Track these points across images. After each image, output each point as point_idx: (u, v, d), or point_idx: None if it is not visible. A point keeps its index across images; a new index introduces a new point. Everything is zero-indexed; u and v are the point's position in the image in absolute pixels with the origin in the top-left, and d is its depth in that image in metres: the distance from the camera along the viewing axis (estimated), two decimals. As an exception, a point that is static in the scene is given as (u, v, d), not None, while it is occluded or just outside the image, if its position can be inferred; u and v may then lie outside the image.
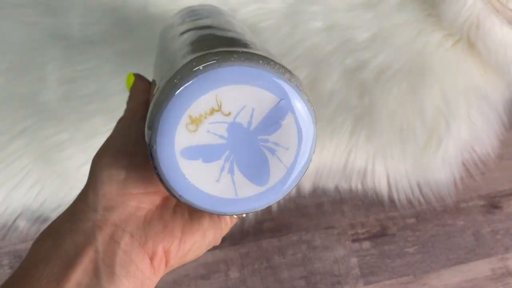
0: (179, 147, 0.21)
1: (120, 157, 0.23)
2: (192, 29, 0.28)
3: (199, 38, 0.25)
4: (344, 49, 0.60)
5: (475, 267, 0.56)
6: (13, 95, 0.57)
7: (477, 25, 0.59)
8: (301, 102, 0.22)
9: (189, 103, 0.20)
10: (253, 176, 0.22)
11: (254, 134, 0.22)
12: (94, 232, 0.21)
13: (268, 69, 0.21)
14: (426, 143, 0.58)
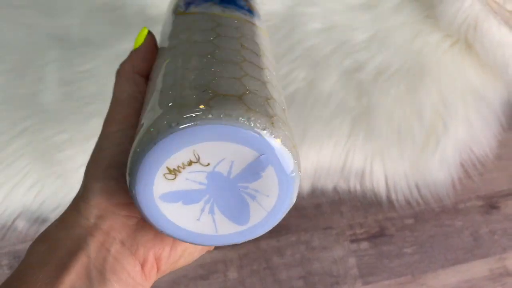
0: (158, 192, 0.21)
1: (111, 167, 0.23)
2: (187, 46, 0.26)
3: (185, 71, 0.23)
4: (343, 50, 0.60)
5: (473, 267, 0.56)
6: (12, 96, 0.57)
7: (475, 26, 0.59)
8: (283, 155, 0.21)
9: (166, 157, 0.20)
10: (234, 217, 0.23)
11: (234, 182, 0.22)
12: (86, 239, 0.22)
13: (247, 126, 0.20)
14: (424, 144, 0.58)
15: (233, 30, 0.27)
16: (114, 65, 0.59)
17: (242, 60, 0.24)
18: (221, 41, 0.25)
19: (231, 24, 0.27)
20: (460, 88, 0.60)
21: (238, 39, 0.26)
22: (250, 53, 0.25)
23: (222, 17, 0.28)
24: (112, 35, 0.59)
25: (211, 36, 0.26)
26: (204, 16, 0.28)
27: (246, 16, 0.30)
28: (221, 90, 0.21)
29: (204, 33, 0.26)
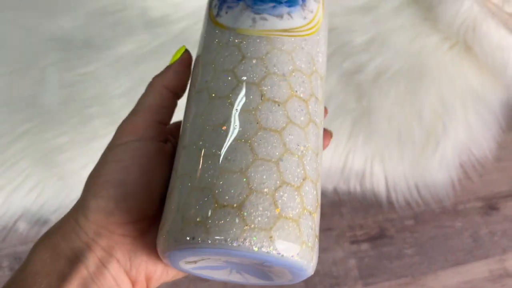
0: (186, 266, 0.24)
1: (111, 186, 0.24)
2: (206, 104, 0.24)
3: (196, 160, 0.23)
4: (342, 52, 0.61)
5: (473, 268, 0.56)
6: (13, 98, 0.57)
7: (474, 28, 0.59)
8: (286, 264, 0.21)
9: (182, 258, 0.22)
10: (260, 276, 0.25)
11: (250, 266, 0.23)
12: (85, 253, 0.23)
13: (243, 247, 0.20)
14: (424, 145, 0.59)
15: (259, 69, 0.24)
16: (115, 67, 0.59)
17: (256, 131, 0.23)
18: (239, 103, 0.24)
19: (258, 55, 0.25)
20: (459, 89, 0.61)
21: (259, 86, 0.24)
22: (276, 115, 0.24)
23: (251, 39, 0.25)
24: (113, 38, 0.59)
25: (230, 91, 0.24)
26: (230, 43, 0.25)
27: (288, 19, 0.26)
28: (221, 198, 0.21)
29: (226, 83, 0.24)
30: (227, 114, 0.23)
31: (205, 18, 0.28)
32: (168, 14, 0.60)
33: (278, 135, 0.23)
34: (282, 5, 0.26)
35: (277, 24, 0.25)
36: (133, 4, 0.61)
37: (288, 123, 0.23)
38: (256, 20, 0.25)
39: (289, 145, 0.23)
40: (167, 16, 0.60)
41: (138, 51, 0.59)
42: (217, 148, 0.23)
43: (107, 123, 0.56)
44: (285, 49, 0.25)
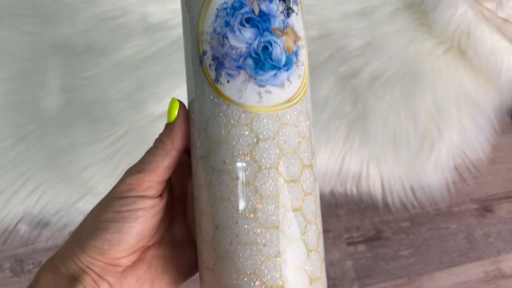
0: None
1: (108, 232, 0.27)
2: (207, 196, 0.27)
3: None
4: (339, 57, 0.62)
5: (468, 269, 0.57)
6: (15, 102, 0.58)
7: (468, 33, 0.60)
8: None
9: None
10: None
11: None
12: (82, 275, 0.27)
13: None
14: (418, 148, 0.60)
15: (274, 151, 0.26)
16: (115, 71, 0.60)
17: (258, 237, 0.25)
18: (263, 188, 0.26)
19: (270, 135, 0.26)
20: (453, 93, 0.61)
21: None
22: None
23: (260, 117, 0.26)
24: (113, 43, 0.60)
25: (253, 178, 0.26)
26: (241, 121, 0.26)
27: (288, 87, 0.27)
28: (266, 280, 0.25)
29: (248, 168, 0.26)
30: (254, 202, 0.25)
31: (193, 67, 0.27)
32: (167, 20, 0.61)
33: (300, 213, 0.26)
34: (281, 72, 0.26)
35: (281, 97, 0.26)
36: (133, 9, 0.62)
37: (305, 196, 0.27)
38: (262, 95, 0.26)
39: (309, 217, 0.26)
40: (166, 22, 0.61)
41: (137, 56, 0.60)
42: (251, 233, 0.25)
43: (108, 127, 0.57)
44: (291, 122, 0.26)
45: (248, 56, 0.26)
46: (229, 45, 0.26)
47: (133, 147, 0.57)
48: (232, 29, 0.26)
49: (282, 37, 0.26)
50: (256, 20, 0.26)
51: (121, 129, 0.57)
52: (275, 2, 0.26)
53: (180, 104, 0.28)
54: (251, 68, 0.26)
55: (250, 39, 0.26)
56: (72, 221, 0.56)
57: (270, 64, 0.26)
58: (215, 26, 0.26)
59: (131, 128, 0.57)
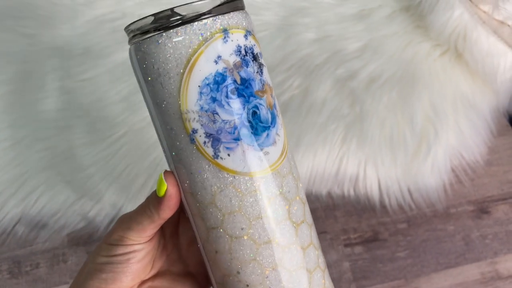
0: None
1: (104, 272, 0.29)
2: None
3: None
4: (336, 59, 0.62)
5: (465, 271, 0.57)
6: (13, 105, 0.59)
7: (464, 35, 0.61)
8: None
9: None
10: None
11: None
12: None
13: None
14: (415, 150, 0.60)
15: (282, 204, 0.28)
16: (114, 74, 0.60)
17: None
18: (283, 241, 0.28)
19: (277, 192, 0.28)
20: (450, 95, 0.62)
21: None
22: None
23: (264, 179, 0.28)
24: (112, 45, 0.60)
25: (277, 234, 0.28)
26: (249, 188, 0.27)
27: (278, 141, 0.29)
28: None
29: (265, 229, 0.28)
30: (276, 257, 0.28)
31: (181, 144, 0.27)
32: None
33: (313, 246, 0.29)
34: (271, 130, 0.27)
35: (276, 153, 0.27)
36: (131, 12, 0.62)
37: (311, 234, 0.30)
38: (262, 159, 0.27)
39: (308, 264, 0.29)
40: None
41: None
42: (284, 281, 0.27)
43: (106, 128, 0.57)
44: (287, 172, 0.28)
45: (242, 127, 0.26)
46: (221, 120, 0.26)
47: (131, 149, 0.57)
48: (220, 104, 0.26)
49: (263, 96, 0.27)
50: (240, 89, 0.26)
51: (120, 131, 0.57)
52: (251, 65, 0.26)
53: (169, 180, 0.28)
54: (247, 137, 0.26)
55: (240, 109, 0.26)
56: (70, 223, 0.56)
57: (261, 127, 0.27)
58: (201, 104, 0.26)
59: (129, 130, 0.57)
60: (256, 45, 0.28)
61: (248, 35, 0.27)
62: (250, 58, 0.27)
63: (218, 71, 0.26)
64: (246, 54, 0.26)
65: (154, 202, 0.29)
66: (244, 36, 0.27)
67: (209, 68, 0.25)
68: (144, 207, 0.29)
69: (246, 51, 0.26)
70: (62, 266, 0.55)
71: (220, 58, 0.26)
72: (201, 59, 0.25)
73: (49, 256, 0.55)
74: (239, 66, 0.26)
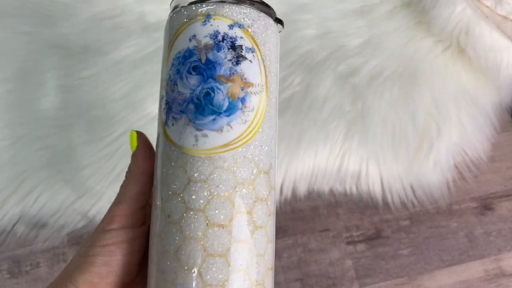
0: None
1: (97, 265, 0.28)
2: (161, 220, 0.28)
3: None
4: (337, 56, 0.62)
5: (468, 268, 0.57)
6: (13, 103, 0.58)
7: (467, 31, 0.60)
8: None
9: None
10: None
11: None
12: None
13: None
14: (418, 147, 0.59)
15: (203, 193, 0.27)
16: (113, 71, 0.60)
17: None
18: (188, 229, 0.26)
19: (202, 177, 0.27)
20: (452, 91, 0.61)
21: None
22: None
23: (194, 160, 0.27)
24: (111, 42, 0.60)
25: (181, 217, 0.27)
26: (177, 163, 0.27)
27: (228, 131, 0.28)
28: None
29: (177, 207, 0.27)
30: (179, 240, 0.26)
31: (158, 108, 0.30)
32: (165, 19, 0.61)
33: (224, 259, 0.26)
34: (221, 117, 0.27)
35: (217, 141, 0.26)
36: (130, 9, 0.62)
37: (232, 243, 0.26)
38: (198, 138, 0.27)
39: (234, 264, 0.26)
40: (164, 21, 0.61)
41: (135, 55, 0.60)
42: (173, 275, 0.26)
43: (106, 126, 0.57)
44: (226, 166, 0.27)
45: (190, 102, 0.27)
46: (177, 91, 0.27)
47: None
48: (181, 76, 0.27)
49: (227, 84, 0.27)
50: (201, 68, 0.27)
51: (119, 129, 0.57)
52: (223, 50, 0.27)
53: (138, 133, 0.30)
54: (191, 113, 0.27)
55: (195, 86, 0.27)
56: (69, 222, 0.56)
57: (210, 109, 0.27)
58: (170, 74, 0.28)
59: (129, 128, 0.57)
60: (245, 39, 0.28)
61: (235, 27, 0.28)
62: (227, 45, 0.27)
63: (189, 48, 0.27)
64: (223, 40, 0.27)
65: (131, 160, 0.29)
66: (229, 26, 0.28)
67: (184, 44, 0.28)
68: (125, 175, 0.30)
69: (224, 38, 0.27)
70: (62, 266, 0.54)
71: (194, 37, 0.27)
72: (182, 35, 0.28)
73: (49, 255, 0.55)
74: (210, 48, 0.27)
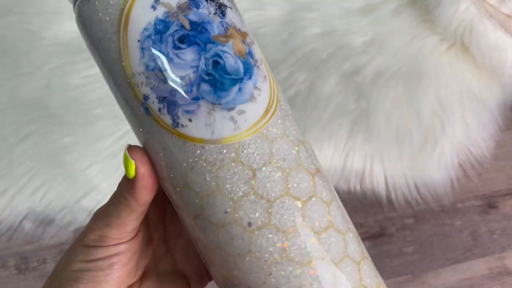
0: None
1: (81, 281, 0.25)
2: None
3: None
4: (341, 54, 0.62)
5: (472, 266, 0.57)
6: (19, 101, 0.59)
7: (471, 29, 0.60)
8: None
9: None
10: None
11: None
12: None
13: None
14: (422, 145, 0.59)
15: (276, 177, 0.22)
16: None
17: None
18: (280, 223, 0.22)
19: (266, 160, 0.21)
20: (457, 90, 0.61)
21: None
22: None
23: (246, 145, 0.21)
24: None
25: (267, 217, 0.22)
26: (225, 159, 0.21)
27: (259, 96, 0.22)
28: None
29: (255, 209, 0.22)
30: (279, 241, 0.22)
31: (137, 119, 0.22)
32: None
33: (333, 229, 0.23)
34: (245, 83, 0.21)
35: (257, 111, 0.22)
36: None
37: (328, 207, 0.23)
38: (236, 119, 0.21)
39: (340, 227, 0.23)
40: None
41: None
42: (293, 278, 0.21)
43: (113, 124, 0.57)
44: (280, 133, 0.22)
45: (200, 81, 0.21)
46: (172, 78, 0.21)
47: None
48: (168, 57, 0.21)
49: (228, 42, 0.21)
50: (191, 36, 0.21)
51: (125, 127, 0.57)
52: (204, 5, 0.21)
53: (136, 156, 0.23)
54: (210, 94, 0.21)
55: (194, 60, 0.21)
56: (76, 219, 0.56)
57: (229, 80, 0.21)
58: (146, 62, 0.21)
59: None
60: None
61: None
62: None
63: (158, 18, 0.20)
64: None
65: (127, 187, 0.23)
66: None
67: (147, 16, 0.20)
68: (117, 196, 0.24)
69: None
70: (69, 262, 0.55)
71: (158, 2, 0.21)
72: (135, 8, 0.21)
73: (56, 251, 0.55)
74: (186, 8, 0.21)
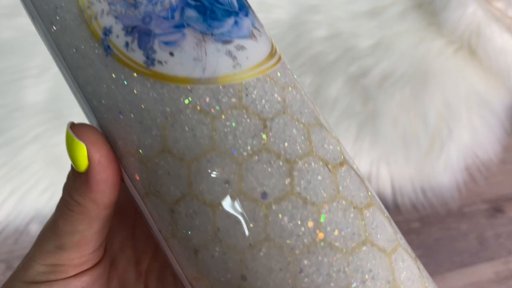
0: None
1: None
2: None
3: None
4: (348, 57, 0.62)
5: (479, 270, 0.57)
6: (26, 103, 0.59)
7: (478, 33, 0.60)
8: None
9: None
10: None
11: None
12: None
13: None
14: (429, 148, 0.59)
15: (290, 128, 0.16)
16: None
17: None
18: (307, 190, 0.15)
19: (277, 108, 0.15)
20: (463, 93, 0.61)
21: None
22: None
23: (250, 87, 0.16)
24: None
25: (288, 177, 0.15)
26: (226, 104, 0.15)
27: (259, 36, 0.17)
28: None
29: (274, 170, 0.15)
30: (311, 217, 0.16)
31: (94, 68, 0.16)
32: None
33: (375, 207, 0.19)
34: (241, 17, 0.17)
35: (260, 50, 0.17)
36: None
37: (363, 179, 0.19)
38: (235, 55, 0.16)
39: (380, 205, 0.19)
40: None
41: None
42: (333, 268, 0.16)
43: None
44: (291, 83, 0.17)
45: (185, 6, 0.15)
46: (146, 0, 0.15)
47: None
48: None
49: None
50: None
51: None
52: None
53: (88, 138, 0.16)
54: (199, 21, 0.15)
55: None
56: (82, 221, 0.56)
57: (222, 9, 0.16)
58: None
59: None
60: None
61: None
62: None
63: None
64: None
65: (78, 186, 0.17)
66: None
67: None
68: (67, 203, 0.17)
69: None
70: (75, 265, 0.55)
71: None
72: None
73: (62, 254, 0.55)
74: None
